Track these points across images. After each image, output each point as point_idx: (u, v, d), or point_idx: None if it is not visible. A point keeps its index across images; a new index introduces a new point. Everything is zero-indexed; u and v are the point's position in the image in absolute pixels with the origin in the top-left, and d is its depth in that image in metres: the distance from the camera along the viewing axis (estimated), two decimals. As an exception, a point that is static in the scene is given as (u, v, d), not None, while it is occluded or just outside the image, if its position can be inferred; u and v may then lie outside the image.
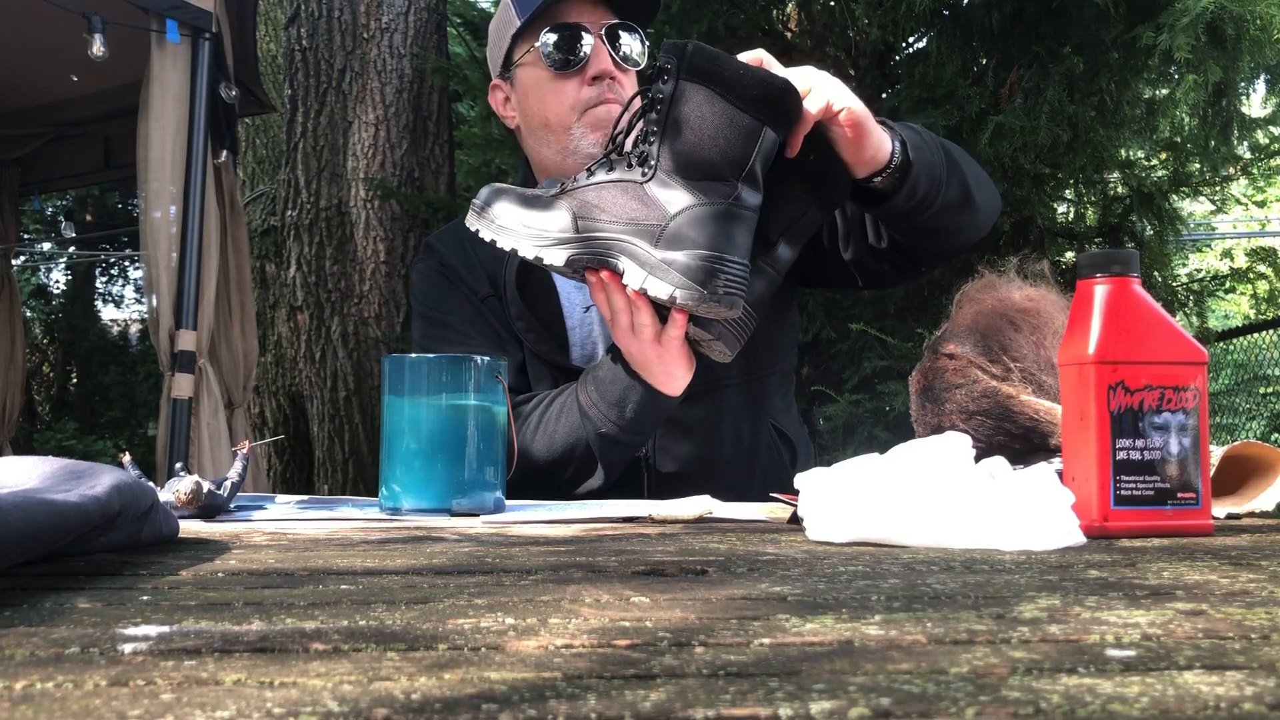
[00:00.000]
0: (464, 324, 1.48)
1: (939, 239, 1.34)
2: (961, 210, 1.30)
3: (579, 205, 1.19)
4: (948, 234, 1.34)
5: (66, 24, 2.78)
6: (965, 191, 1.29)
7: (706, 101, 1.14)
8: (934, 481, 0.79)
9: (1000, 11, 2.51)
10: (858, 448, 2.56)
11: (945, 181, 1.26)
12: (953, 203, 1.28)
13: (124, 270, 9.92)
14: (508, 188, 1.26)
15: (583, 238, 1.18)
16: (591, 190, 1.19)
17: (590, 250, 1.18)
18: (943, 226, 1.31)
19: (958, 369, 1.19)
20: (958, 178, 1.28)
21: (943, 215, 1.28)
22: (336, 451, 3.44)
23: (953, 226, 1.32)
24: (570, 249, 1.18)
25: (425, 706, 0.35)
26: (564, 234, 1.19)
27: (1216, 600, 0.54)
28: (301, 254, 3.49)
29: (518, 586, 0.60)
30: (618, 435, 1.30)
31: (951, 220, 1.31)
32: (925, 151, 1.24)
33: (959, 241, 1.38)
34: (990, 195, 1.37)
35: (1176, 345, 0.87)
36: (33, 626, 0.49)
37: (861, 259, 1.41)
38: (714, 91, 1.13)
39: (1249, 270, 3.09)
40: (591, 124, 1.44)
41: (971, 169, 1.33)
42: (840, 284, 1.57)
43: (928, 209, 1.26)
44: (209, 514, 1.04)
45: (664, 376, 1.27)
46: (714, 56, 1.14)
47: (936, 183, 1.25)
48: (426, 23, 3.53)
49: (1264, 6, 2.21)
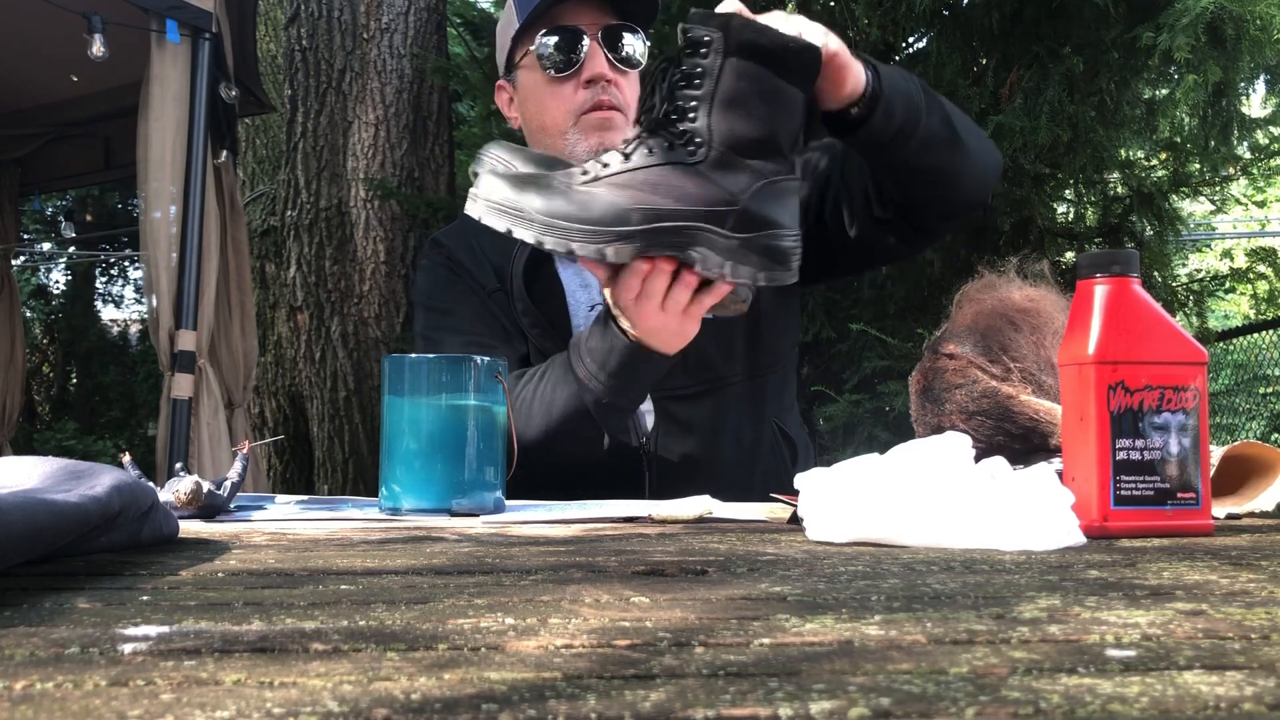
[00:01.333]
0: (469, 315, 1.48)
1: (936, 188, 1.31)
2: (950, 149, 1.27)
3: (630, 194, 1.09)
4: (943, 180, 1.30)
5: (66, 24, 2.78)
6: (949, 127, 1.26)
7: (756, 77, 1.09)
8: (934, 481, 0.79)
9: (1000, 11, 2.51)
10: (858, 448, 2.56)
11: (924, 110, 1.22)
12: (937, 136, 1.24)
13: (124, 270, 9.92)
14: (512, 173, 1.13)
15: (648, 229, 1.09)
16: (640, 174, 1.10)
17: (659, 242, 1.10)
18: (934, 167, 1.27)
19: (958, 369, 1.19)
20: (939, 111, 1.25)
21: (929, 151, 1.25)
22: (336, 451, 3.44)
23: (946, 170, 1.29)
24: (636, 244, 1.09)
25: (425, 706, 0.35)
26: (623, 227, 1.09)
27: (1216, 600, 0.54)
28: (301, 254, 3.49)
29: (518, 586, 0.60)
30: (620, 403, 1.28)
31: (941, 159, 1.27)
32: (899, 79, 1.22)
33: (961, 195, 1.33)
34: (982, 142, 1.34)
35: (1176, 345, 0.87)
36: (33, 626, 0.49)
37: (867, 234, 1.38)
38: (762, 66, 1.09)
39: (1249, 270, 3.09)
40: (586, 129, 1.43)
41: (957, 113, 1.30)
42: (850, 270, 1.54)
43: (909, 139, 1.22)
44: (209, 514, 1.04)
45: (677, 340, 1.22)
46: (759, 29, 1.09)
47: (914, 110, 1.21)
48: (426, 23, 3.53)
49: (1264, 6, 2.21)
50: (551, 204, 1.10)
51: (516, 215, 1.11)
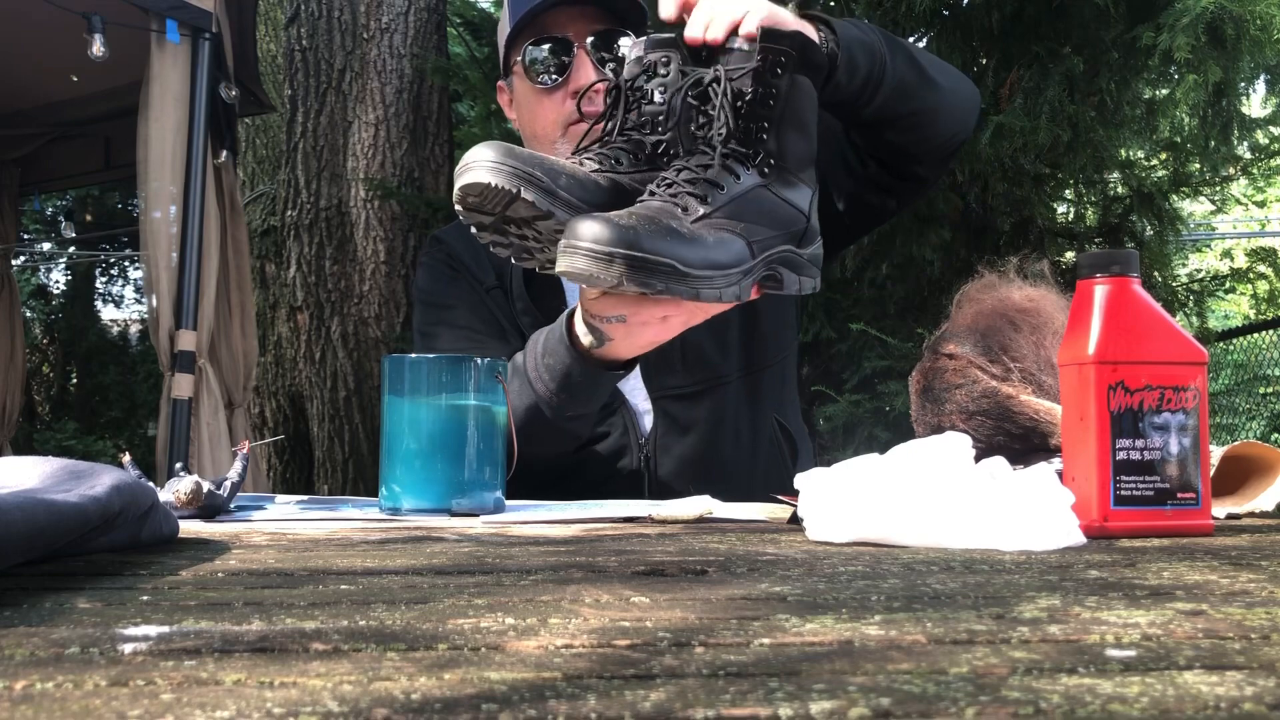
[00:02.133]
0: (466, 312, 1.47)
1: (915, 131, 1.29)
2: (922, 90, 1.25)
3: (742, 227, 1.05)
4: (920, 123, 1.28)
5: (66, 24, 2.78)
6: (916, 68, 1.24)
7: (811, 93, 1.09)
8: (934, 481, 0.79)
9: (1000, 11, 2.51)
10: (858, 448, 2.56)
11: (887, 56, 1.21)
12: (906, 80, 1.23)
13: (124, 270, 9.92)
14: (625, 223, 0.99)
15: (762, 261, 1.07)
16: (738, 205, 1.06)
17: (765, 269, 1.08)
18: (909, 111, 1.26)
19: (958, 369, 1.19)
20: (903, 54, 1.23)
21: (901, 97, 1.23)
22: (336, 451, 3.44)
23: (921, 111, 1.27)
24: (754, 277, 1.07)
25: (425, 706, 0.35)
26: (748, 263, 1.06)
27: (1216, 600, 0.54)
28: (301, 254, 3.49)
29: (518, 586, 0.60)
30: (582, 412, 1.28)
31: (914, 103, 1.25)
32: (855, 31, 1.20)
33: (941, 133, 1.31)
34: (952, 76, 1.32)
35: (1176, 345, 0.87)
36: (33, 626, 0.49)
37: (854, 195, 1.37)
38: (812, 81, 1.09)
39: (1249, 270, 3.09)
40: (575, 139, 1.42)
41: (923, 52, 1.29)
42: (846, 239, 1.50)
43: (878, 89, 1.20)
44: (209, 514, 1.04)
45: (648, 349, 1.20)
46: (812, 45, 1.09)
47: (876, 59, 1.20)
48: (426, 23, 3.53)
49: (1264, 6, 2.21)
50: (690, 251, 1.00)
51: (673, 275, 0.99)
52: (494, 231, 1.11)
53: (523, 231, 1.10)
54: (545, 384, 1.24)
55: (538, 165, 1.05)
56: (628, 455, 1.41)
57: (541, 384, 1.24)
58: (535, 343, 1.27)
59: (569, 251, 0.98)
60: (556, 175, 1.06)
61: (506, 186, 1.03)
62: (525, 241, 1.11)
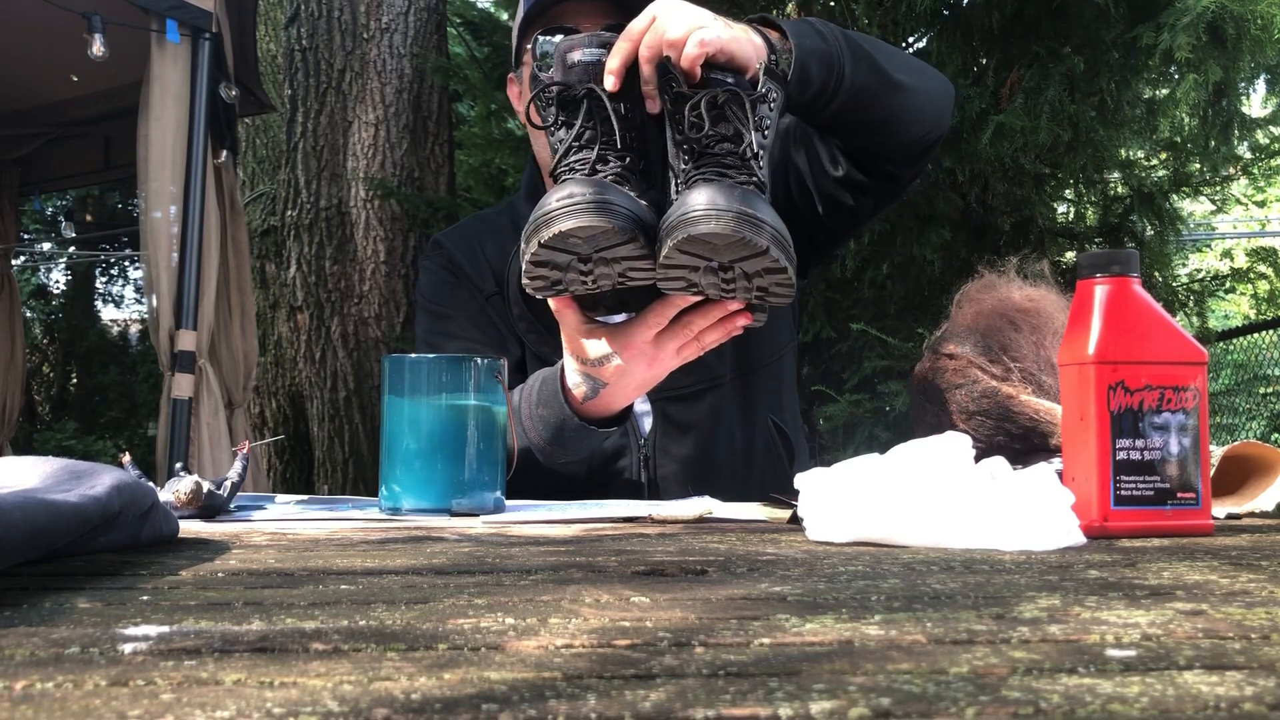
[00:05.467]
0: (466, 320, 1.48)
1: (882, 136, 1.27)
2: (886, 94, 1.23)
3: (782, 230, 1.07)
4: (888, 128, 1.27)
5: (66, 24, 2.78)
6: (879, 73, 1.22)
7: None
8: (934, 481, 0.79)
9: (1000, 11, 2.51)
10: (858, 448, 2.56)
11: (846, 63, 1.18)
12: (867, 86, 1.21)
13: (124, 270, 9.92)
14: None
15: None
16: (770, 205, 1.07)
17: None
18: (874, 118, 1.24)
19: (958, 369, 1.19)
20: (865, 60, 1.21)
21: (864, 103, 1.21)
22: (336, 451, 3.44)
23: (887, 117, 1.25)
24: None
25: (425, 706, 0.35)
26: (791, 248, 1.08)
27: (1216, 600, 0.54)
28: (301, 254, 3.48)
29: (518, 586, 0.60)
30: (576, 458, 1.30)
31: (879, 109, 1.24)
32: (811, 39, 1.16)
33: (911, 136, 1.29)
34: (924, 77, 1.31)
35: (1176, 345, 0.87)
36: (33, 626, 0.49)
37: (832, 198, 1.36)
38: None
39: (1249, 270, 3.09)
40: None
41: (891, 54, 1.27)
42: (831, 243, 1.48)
43: (833, 97, 1.18)
44: (209, 514, 1.04)
45: (639, 392, 1.24)
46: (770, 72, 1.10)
47: (832, 67, 1.17)
48: (426, 23, 3.53)
49: (1264, 6, 2.21)
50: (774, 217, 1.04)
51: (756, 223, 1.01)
52: (569, 270, 1.08)
53: (608, 265, 1.07)
54: (539, 434, 1.27)
55: (612, 193, 1.05)
56: (627, 456, 1.41)
57: (535, 433, 1.27)
58: (531, 391, 1.29)
59: (701, 219, 1.00)
60: (630, 202, 1.06)
61: (617, 224, 1.03)
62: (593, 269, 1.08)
